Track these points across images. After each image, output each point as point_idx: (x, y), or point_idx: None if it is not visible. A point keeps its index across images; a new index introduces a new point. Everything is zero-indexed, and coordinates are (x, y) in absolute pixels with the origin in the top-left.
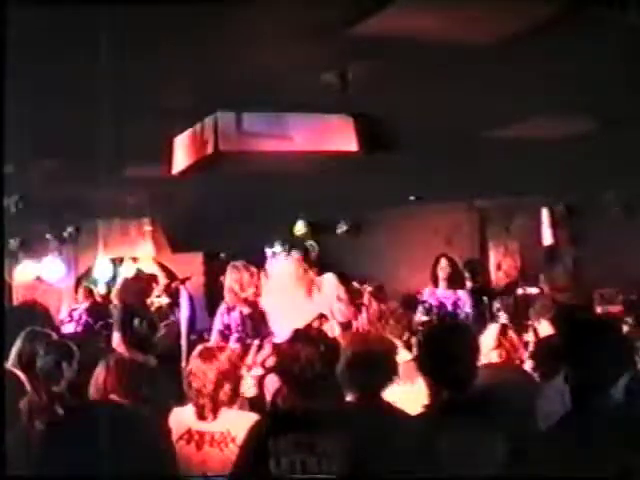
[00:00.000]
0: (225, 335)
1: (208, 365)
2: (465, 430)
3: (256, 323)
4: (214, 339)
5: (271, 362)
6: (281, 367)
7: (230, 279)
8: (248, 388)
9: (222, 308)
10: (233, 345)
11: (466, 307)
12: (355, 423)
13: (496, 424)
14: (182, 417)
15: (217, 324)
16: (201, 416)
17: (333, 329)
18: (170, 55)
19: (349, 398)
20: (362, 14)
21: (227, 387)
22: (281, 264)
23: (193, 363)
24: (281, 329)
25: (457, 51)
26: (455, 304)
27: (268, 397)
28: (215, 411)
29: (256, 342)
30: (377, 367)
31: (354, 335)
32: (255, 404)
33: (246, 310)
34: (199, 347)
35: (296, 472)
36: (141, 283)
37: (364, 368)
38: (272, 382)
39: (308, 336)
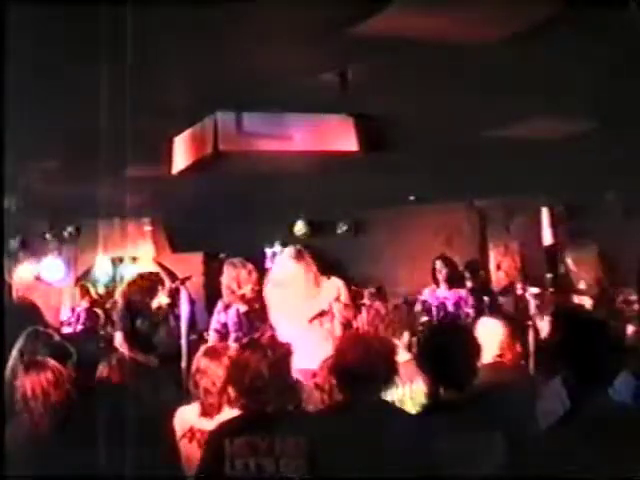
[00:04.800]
0: (222, 334)
1: (217, 363)
2: (465, 430)
3: (254, 321)
4: (211, 338)
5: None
6: (233, 378)
7: (227, 276)
8: None
9: (219, 306)
10: (232, 344)
11: (466, 307)
12: (354, 422)
13: (496, 424)
14: (185, 416)
15: (214, 323)
16: (206, 414)
17: (334, 328)
18: (170, 55)
19: (348, 398)
20: (362, 14)
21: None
22: (286, 261)
23: (200, 362)
24: (283, 326)
25: (457, 51)
26: (455, 304)
27: None
28: (218, 408)
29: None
30: (377, 367)
31: (353, 335)
32: None
33: (243, 308)
34: (204, 346)
35: (250, 475)
36: (144, 283)
37: (364, 368)
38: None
39: (256, 344)
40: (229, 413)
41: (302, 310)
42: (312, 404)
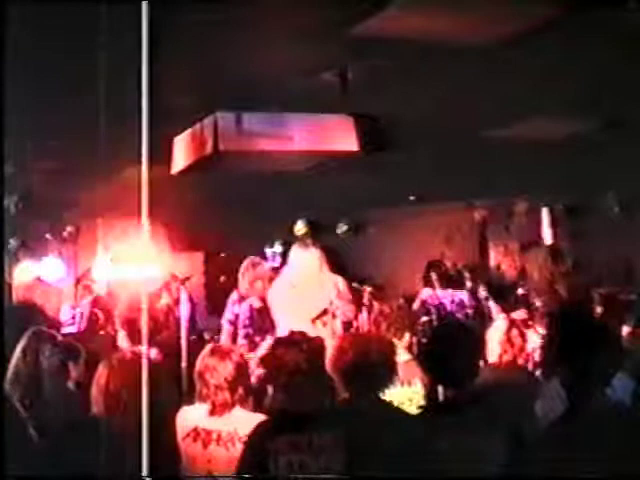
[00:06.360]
0: (235, 326)
1: (225, 361)
2: (465, 430)
3: (265, 319)
4: (225, 329)
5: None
6: (270, 375)
7: (247, 270)
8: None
9: (234, 296)
10: (241, 341)
11: (466, 307)
12: (354, 423)
13: (496, 424)
14: (189, 416)
15: (227, 314)
16: (216, 412)
17: (335, 328)
18: (170, 55)
19: (348, 398)
20: (362, 14)
21: (243, 383)
22: (304, 255)
23: (207, 361)
24: (285, 321)
25: (457, 51)
26: (455, 304)
27: None
28: (231, 407)
29: (267, 342)
30: (377, 367)
31: (354, 335)
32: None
33: (257, 304)
34: (209, 346)
35: (294, 472)
36: (144, 283)
37: (363, 368)
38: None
39: (289, 340)
40: (239, 412)
41: (306, 309)
42: None
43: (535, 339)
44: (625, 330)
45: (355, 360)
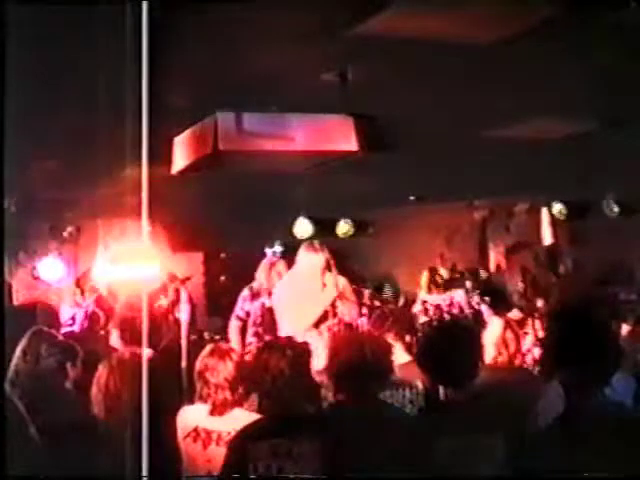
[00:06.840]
0: (244, 323)
1: (225, 361)
2: (465, 430)
3: (274, 320)
4: (233, 326)
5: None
6: (253, 379)
7: (268, 271)
8: None
9: (245, 293)
10: (250, 339)
11: (465, 307)
12: (351, 424)
13: (496, 424)
14: (189, 416)
15: (237, 309)
16: (216, 412)
17: (336, 329)
18: (170, 55)
19: (345, 399)
20: (362, 14)
21: (243, 383)
22: (311, 257)
23: (207, 361)
24: (287, 322)
25: (457, 51)
26: (454, 304)
27: None
28: (231, 406)
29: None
30: (370, 366)
31: (350, 336)
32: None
33: (269, 303)
34: (209, 346)
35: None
36: (144, 283)
37: (360, 369)
38: None
39: (274, 345)
40: (239, 412)
41: (307, 311)
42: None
43: (533, 339)
44: (625, 330)
45: (348, 360)
